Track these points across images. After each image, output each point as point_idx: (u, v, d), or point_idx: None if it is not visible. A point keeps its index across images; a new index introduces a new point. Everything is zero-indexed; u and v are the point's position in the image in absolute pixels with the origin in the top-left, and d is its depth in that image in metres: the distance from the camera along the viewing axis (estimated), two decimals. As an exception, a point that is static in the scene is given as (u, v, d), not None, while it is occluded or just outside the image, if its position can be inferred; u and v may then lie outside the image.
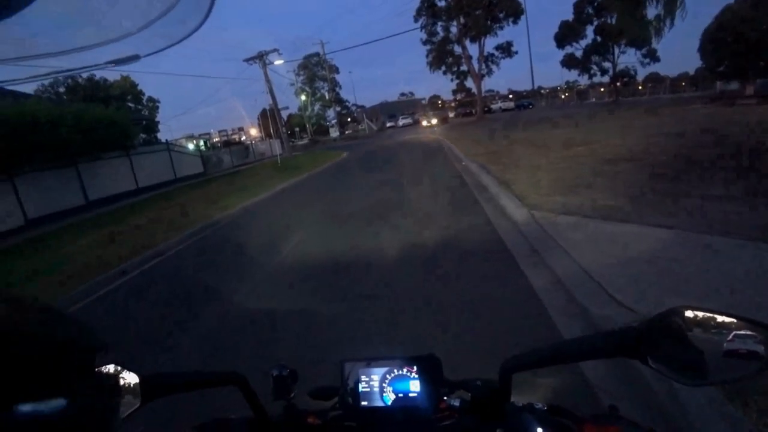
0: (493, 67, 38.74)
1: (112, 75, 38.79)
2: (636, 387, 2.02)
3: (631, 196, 5.41)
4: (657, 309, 0.55)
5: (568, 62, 42.00)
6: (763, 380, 1.09)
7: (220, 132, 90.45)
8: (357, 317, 3.35)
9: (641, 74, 49.48)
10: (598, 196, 5.63)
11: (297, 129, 67.14)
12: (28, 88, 21.00)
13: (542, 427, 0.56)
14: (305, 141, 56.60)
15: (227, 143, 39.81)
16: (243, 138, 62.17)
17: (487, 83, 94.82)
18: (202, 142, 50.46)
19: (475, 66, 37.36)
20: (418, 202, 7.54)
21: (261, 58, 27.32)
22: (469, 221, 5.78)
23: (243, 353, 3.09)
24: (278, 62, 29.12)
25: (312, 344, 3.00)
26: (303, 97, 56.10)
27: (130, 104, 38.40)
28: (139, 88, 40.55)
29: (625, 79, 43.24)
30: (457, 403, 0.72)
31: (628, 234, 4.15)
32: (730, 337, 0.49)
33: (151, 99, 43.37)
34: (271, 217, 8.98)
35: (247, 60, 27.77)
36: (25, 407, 0.33)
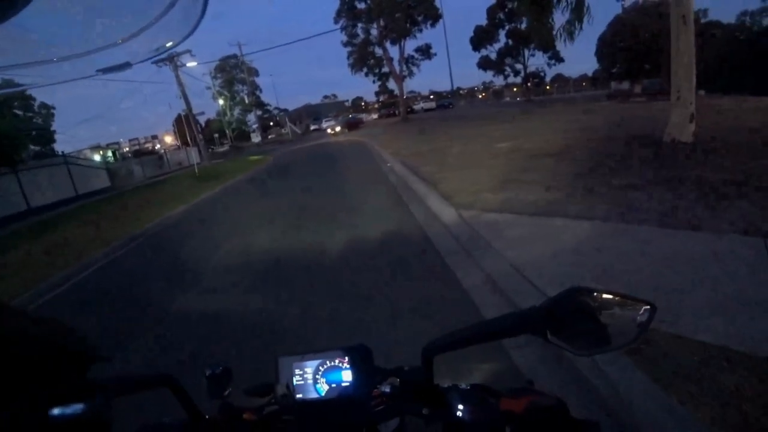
0: (414, 69, 39.34)
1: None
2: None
3: (556, 190, 5.45)
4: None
5: (484, 64, 43.94)
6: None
7: (131, 141, 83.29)
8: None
9: (549, 75, 53.20)
10: (525, 192, 5.61)
11: (216, 135, 63.77)
12: None
13: (463, 404, 0.62)
14: (225, 148, 53.96)
15: (138, 153, 36.38)
16: (157, 147, 57.70)
17: (409, 84, 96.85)
18: (110, 153, 46.06)
19: (396, 68, 37.74)
20: (342, 208, 7.14)
21: (172, 59, 25.34)
22: (398, 225, 5.51)
23: None
24: (191, 64, 27.24)
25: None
26: (221, 102, 53.35)
27: (17, 111, 33.91)
28: (28, 92, 35.79)
29: (536, 80, 46.14)
30: (387, 389, 0.74)
31: (553, 228, 4.21)
32: (616, 311, 0.57)
33: (44, 105, 38.29)
34: (177, 244, 7.25)
35: (156, 62, 25.63)
36: (56, 411, 0.40)
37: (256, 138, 56.59)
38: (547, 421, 0.59)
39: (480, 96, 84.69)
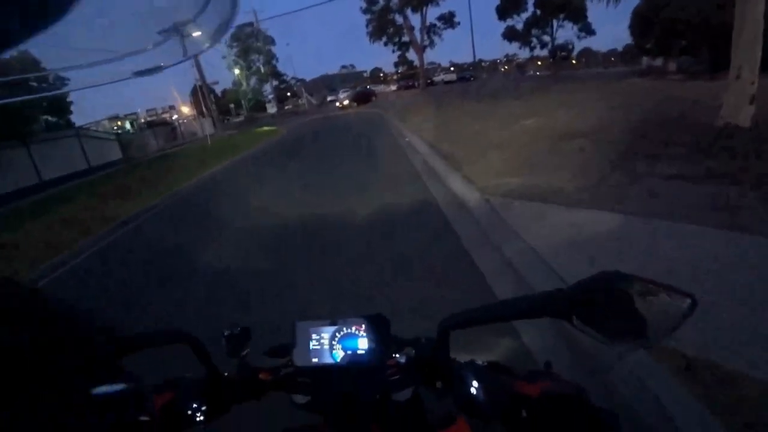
0: (436, 39, 37.85)
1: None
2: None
3: (587, 176, 4.85)
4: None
5: (510, 35, 41.89)
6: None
7: (148, 111, 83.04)
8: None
9: (577, 48, 50.62)
10: (557, 179, 4.97)
11: (232, 105, 63.11)
12: None
13: (477, 381, 0.61)
14: (241, 118, 53.41)
15: (151, 124, 35.91)
16: (175, 117, 57.34)
17: (429, 55, 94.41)
18: (128, 124, 45.98)
19: (417, 37, 36.23)
20: (358, 189, 6.60)
21: (177, 29, 24.53)
22: (418, 220, 4.88)
23: None
24: (196, 34, 26.28)
25: None
26: (237, 71, 52.45)
27: (32, 83, 33.64)
28: (42, 65, 35.39)
29: (563, 54, 43.92)
30: (403, 359, 0.74)
31: (585, 222, 3.68)
32: (652, 301, 0.52)
33: (58, 77, 38.10)
34: (185, 221, 7.56)
35: (160, 32, 24.83)
36: (100, 389, 0.43)
37: (272, 108, 55.79)
38: (564, 408, 0.55)
39: (503, 69, 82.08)
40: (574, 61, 49.79)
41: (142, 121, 62.44)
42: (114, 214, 7.83)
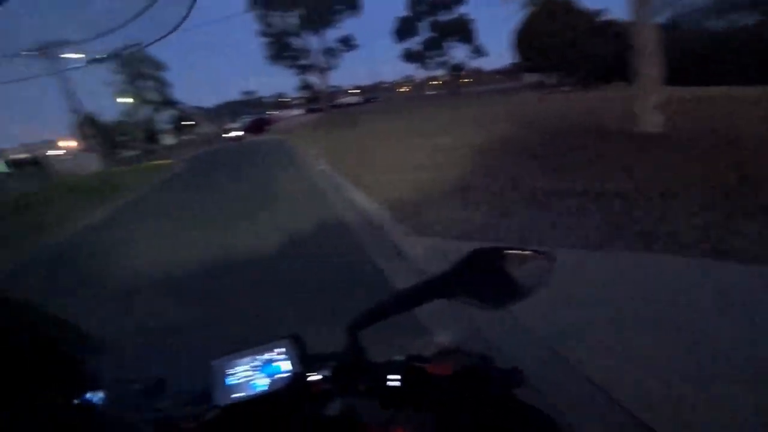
0: (336, 61, 37.64)
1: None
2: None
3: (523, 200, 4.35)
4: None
5: (408, 57, 43.15)
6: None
7: (24, 145, 72.88)
8: None
9: (471, 67, 53.74)
10: (486, 204, 4.43)
11: (124, 138, 57.57)
12: None
13: (394, 374, 0.65)
14: (136, 152, 48.85)
15: (17, 162, 30.86)
16: (58, 152, 50.64)
17: (332, 79, 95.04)
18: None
19: (319, 59, 35.80)
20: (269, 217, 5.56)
21: (43, 51, 21.48)
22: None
23: None
24: (75, 56, 23.38)
25: None
26: (125, 100, 48.01)
27: None
28: None
29: (459, 73, 46.24)
30: (325, 373, 0.73)
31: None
32: (519, 264, 0.62)
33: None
34: None
35: (26, 52, 21.60)
36: (81, 399, 0.43)
37: (170, 140, 51.80)
38: (474, 378, 0.60)
39: (402, 90, 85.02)
40: (465, 80, 52.49)
41: (21, 156, 54.44)
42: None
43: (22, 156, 55.51)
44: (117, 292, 4.16)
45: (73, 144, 49.84)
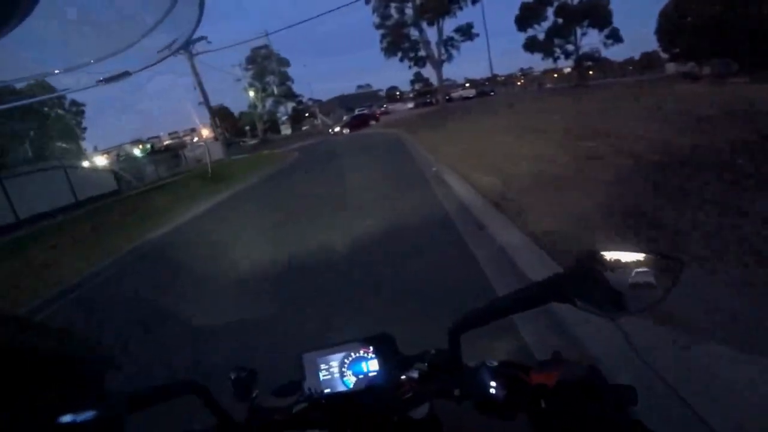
0: (454, 52, 35.77)
1: (21, 82, 32.80)
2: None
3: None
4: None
5: (530, 46, 39.67)
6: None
7: (171, 134, 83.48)
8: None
9: (600, 56, 47.70)
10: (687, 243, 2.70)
11: (248, 128, 62.54)
12: None
13: (495, 381, 0.60)
14: (256, 141, 52.55)
15: (154, 151, 34.72)
16: (195, 140, 56.90)
17: (444, 72, 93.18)
18: (148, 146, 45.69)
19: (434, 51, 34.25)
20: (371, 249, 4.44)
21: (186, 48, 23.21)
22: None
23: None
24: (207, 52, 25.14)
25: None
26: (251, 93, 51.85)
27: (47, 110, 32.93)
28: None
29: (589, 63, 41.28)
30: (415, 374, 0.72)
31: None
32: (633, 273, 0.54)
33: (74, 103, 37.69)
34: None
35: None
36: (66, 418, 0.39)
37: (286, 130, 54.85)
38: (582, 391, 0.55)
39: (518, 83, 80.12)
40: (590, 72, 46.30)
41: (167, 143, 62.36)
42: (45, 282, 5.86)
43: (167, 142, 63.51)
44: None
45: (208, 133, 55.27)
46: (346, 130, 33.59)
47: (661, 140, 6.29)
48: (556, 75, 63.85)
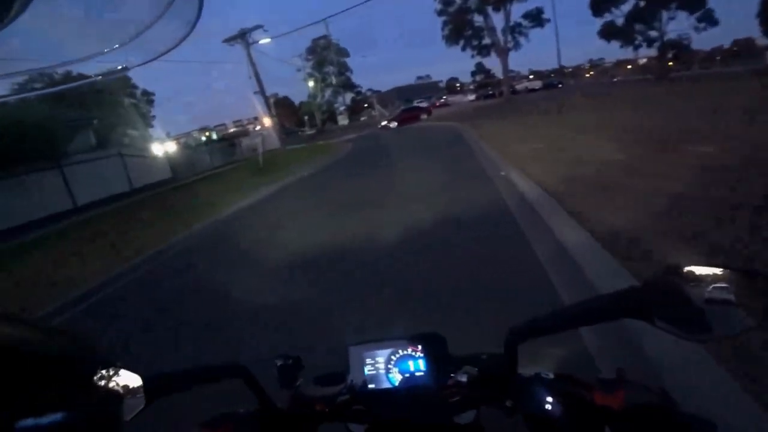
0: (521, 39, 33.24)
1: (94, 71, 34.61)
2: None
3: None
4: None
5: (607, 32, 36.10)
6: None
7: (235, 122, 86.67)
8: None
9: (697, 42, 42.07)
10: None
11: (306, 117, 63.18)
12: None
13: (552, 396, 0.56)
14: (313, 131, 52.82)
15: (212, 140, 35.56)
16: (258, 128, 58.64)
17: (508, 63, 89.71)
18: (214, 135, 47.47)
19: (500, 38, 31.87)
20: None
21: (243, 36, 22.96)
22: None
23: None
24: (264, 41, 24.81)
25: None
26: (311, 84, 52.05)
27: (122, 99, 34.66)
28: (132, 81, 36.46)
29: (675, 51, 36.90)
30: (464, 378, 0.68)
31: None
32: (710, 288, 0.47)
33: (145, 92, 39.62)
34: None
35: (227, 40, 23.44)
36: (26, 422, 0.35)
37: (343, 120, 54.71)
38: (654, 420, 0.49)
39: (587, 75, 74.97)
40: (670, 63, 40.80)
41: (231, 131, 64.82)
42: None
43: (232, 130, 65.81)
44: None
45: (269, 122, 56.63)
46: (393, 124, 31.64)
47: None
48: (629, 66, 59.15)
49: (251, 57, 23.46)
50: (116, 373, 0.54)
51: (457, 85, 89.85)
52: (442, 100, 55.48)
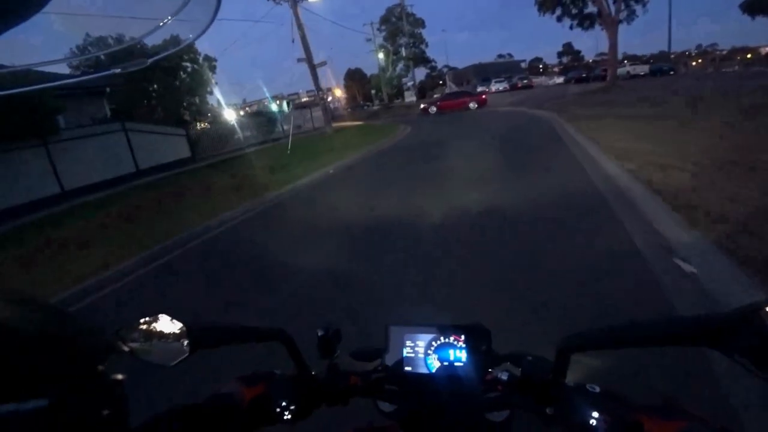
0: (638, 8, 26.55)
1: (153, 39, 32.86)
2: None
3: None
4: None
5: (753, 6, 28.45)
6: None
7: (309, 92, 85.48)
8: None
9: None
10: None
11: (374, 92, 59.66)
12: None
13: (599, 412, 0.52)
14: (378, 107, 49.24)
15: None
16: (330, 99, 56.27)
17: (599, 46, 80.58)
18: (285, 104, 45.72)
19: (609, 6, 25.46)
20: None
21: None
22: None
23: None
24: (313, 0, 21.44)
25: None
26: (381, 56, 48.12)
27: (186, 64, 32.76)
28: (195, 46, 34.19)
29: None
30: (504, 376, 0.66)
31: None
32: None
33: (207, 58, 37.48)
34: None
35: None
36: (7, 407, 0.35)
37: (410, 97, 50.52)
38: None
39: (694, 63, 64.37)
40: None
41: (304, 100, 63.21)
42: None
43: (305, 99, 64.06)
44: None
45: (340, 93, 54.20)
46: (432, 109, 26.53)
47: None
48: (749, 56, 49.76)
49: (298, 18, 20.04)
50: (165, 319, 0.56)
51: (540, 66, 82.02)
52: (525, 81, 49.09)
